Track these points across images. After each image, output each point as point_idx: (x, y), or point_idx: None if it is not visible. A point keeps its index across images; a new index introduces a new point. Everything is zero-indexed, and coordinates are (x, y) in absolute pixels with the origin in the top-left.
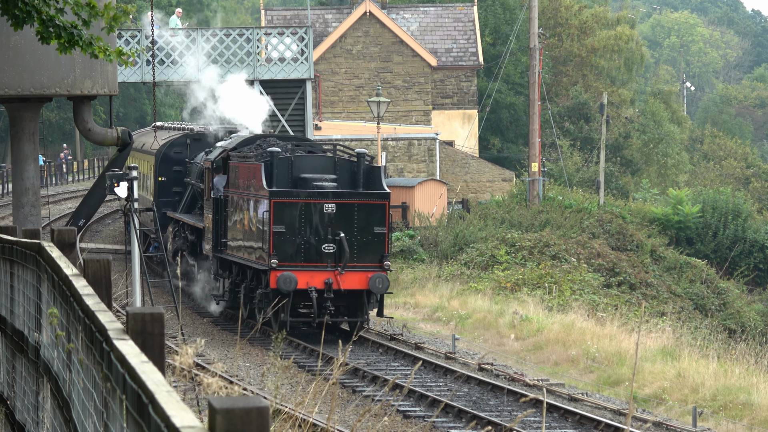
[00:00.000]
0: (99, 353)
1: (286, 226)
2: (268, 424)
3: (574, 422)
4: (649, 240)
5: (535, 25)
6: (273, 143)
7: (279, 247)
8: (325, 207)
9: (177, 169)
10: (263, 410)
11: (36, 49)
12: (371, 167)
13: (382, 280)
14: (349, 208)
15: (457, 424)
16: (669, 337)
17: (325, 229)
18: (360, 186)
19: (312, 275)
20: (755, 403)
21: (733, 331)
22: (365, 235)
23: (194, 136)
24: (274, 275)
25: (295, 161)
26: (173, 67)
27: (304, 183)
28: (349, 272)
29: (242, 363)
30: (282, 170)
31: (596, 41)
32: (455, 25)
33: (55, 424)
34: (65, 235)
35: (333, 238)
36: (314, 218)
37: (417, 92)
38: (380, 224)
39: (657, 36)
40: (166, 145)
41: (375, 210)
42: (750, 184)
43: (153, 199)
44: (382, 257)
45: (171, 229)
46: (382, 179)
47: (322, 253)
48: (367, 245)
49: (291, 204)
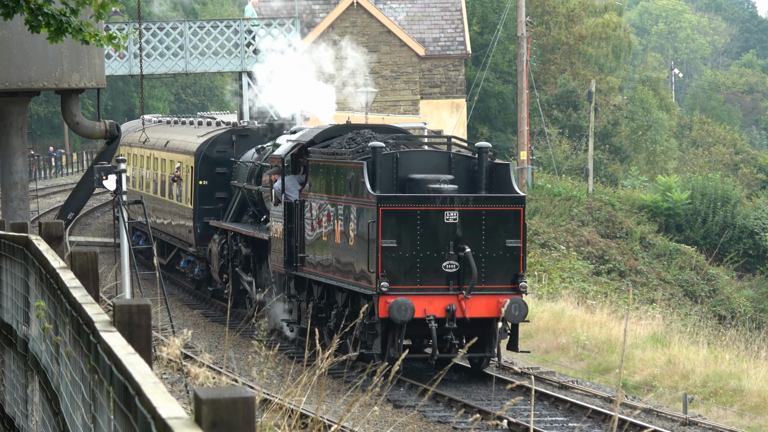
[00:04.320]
0: (86, 346)
1: (398, 240)
2: (254, 415)
3: (565, 410)
4: (639, 227)
5: (523, 13)
6: (370, 136)
7: (388, 266)
8: (446, 215)
9: (220, 171)
10: (249, 400)
11: (23, 43)
12: (496, 164)
13: (519, 306)
14: (476, 217)
15: (448, 413)
16: (659, 324)
17: (446, 242)
18: (482, 188)
19: (430, 300)
20: (746, 389)
21: (723, 318)
22: (496, 250)
23: (240, 131)
24: (383, 301)
25: (402, 158)
26: (161, 59)
27: (414, 185)
28: (477, 296)
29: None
30: (386, 170)
31: (584, 29)
32: (442, 14)
33: (44, 417)
34: (53, 228)
35: (456, 253)
36: (433, 230)
37: (405, 82)
38: (514, 236)
39: (645, 23)
40: (207, 143)
41: (507, 218)
42: (739, 170)
43: (192, 207)
44: (516, 277)
45: (217, 240)
46: (512, 179)
47: (442, 272)
48: (499, 262)
49: (404, 212)
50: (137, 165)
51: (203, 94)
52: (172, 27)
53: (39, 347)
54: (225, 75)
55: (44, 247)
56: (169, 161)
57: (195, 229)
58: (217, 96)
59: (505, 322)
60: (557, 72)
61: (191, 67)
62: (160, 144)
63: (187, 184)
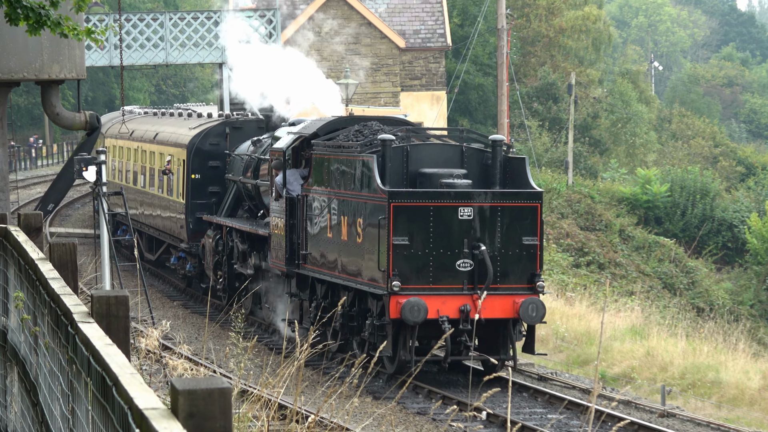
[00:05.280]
0: (64, 336)
1: (410, 238)
2: (230, 405)
3: (543, 401)
4: (618, 219)
5: (503, 5)
6: (378, 128)
7: (400, 264)
8: (460, 211)
9: (213, 164)
10: (225, 391)
11: (3, 34)
12: (511, 158)
13: (537, 306)
14: (492, 213)
15: (427, 404)
16: (638, 316)
17: (461, 240)
18: (496, 183)
19: (444, 301)
20: (723, 381)
21: (702, 310)
22: (512, 248)
23: (234, 123)
24: (395, 301)
25: (412, 152)
26: (141, 51)
27: (426, 180)
28: (492, 296)
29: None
30: (396, 164)
31: (564, 21)
32: (423, 6)
33: (22, 407)
34: (32, 219)
35: (471, 252)
36: (446, 227)
37: (385, 74)
38: (530, 233)
39: (625, 16)
40: (200, 135)
41: (524, 214)
42: (718, 163)
43: (184, 201)
44: (533, 276)
45: (211, 236)
46: (528, 174)
47: (456, 272)
48: (515, 261)
49: (416, 208)
50: (123, 158)
51: (184, 85)
52: (153, 18)
53: (18, 338)
54: (205, 66)
55: (23, 239)
56: (158, 154)
57: (187, 225)
58: (197, 87)
59: (521, 323)
60: (537, 64)
61: (171, 59)
62: (148, 136)
63: (179, 178)
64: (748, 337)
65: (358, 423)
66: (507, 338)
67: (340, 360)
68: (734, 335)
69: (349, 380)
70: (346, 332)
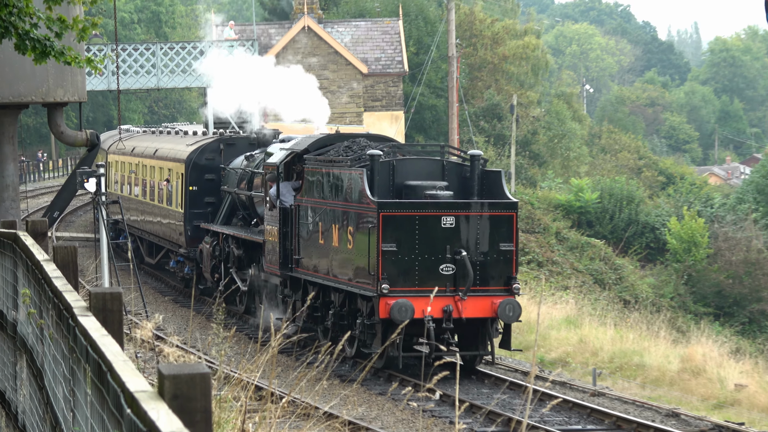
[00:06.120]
0: (66, 328)
1: (398, 244)
2: (210, 388)
3: (490, 383)
4: (555, 223)
5: (453, 36)
6: (365, 144)
7: (388, 269)
8: (443, 220)
9: (209, 177)
10: (206, 376)
11: (14, 63)
12: (487, 171)
13: (514, 306)
14: (472, 222)
15: (387, 386)
16: (572, 308)
17: (444, 246)
18: (474, 194)
19: (428, 302)
20: (647, 364)
21: (628, 302)
22: (490, 253)
23: (228, 140)
24: (384, 302)
25: (398, 166)
26: (135, 76)
27: (411, 192)
28: (473, 297)
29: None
30: (383, 176)
31: (507, 50)
32: (383, 37)
33: (30, 391)
34: (38, 225)
35: (453, 257)
36: (430, 234)
37: (350, 96)
38: (507, 240)
39: (560, 45)
40: (197, 151)
41: (500, 223)
42: (642, 174)
43: (182, 210)
44: (510, 279)
45: (209, 242)
46: (503, 185)
47: (440, 275)
48: (493, 265)
49: (403, 218)
50: (125, 172)
51: (173, 106)
52: (146, 48)
53: (26, 330)
54: (192, 90)
55: (30, 242)
56: (158, 168)
57: (186, 232)
58: (185, 108)
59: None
60: (483, 87)
61: (162, 84)
62: (149, 152)
63: (178, 190)
64: (668, 325)
65: (327, 402)
66: (486, 336)
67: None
68: (656, 324)
69: (316, 365)
70: (336, 330)
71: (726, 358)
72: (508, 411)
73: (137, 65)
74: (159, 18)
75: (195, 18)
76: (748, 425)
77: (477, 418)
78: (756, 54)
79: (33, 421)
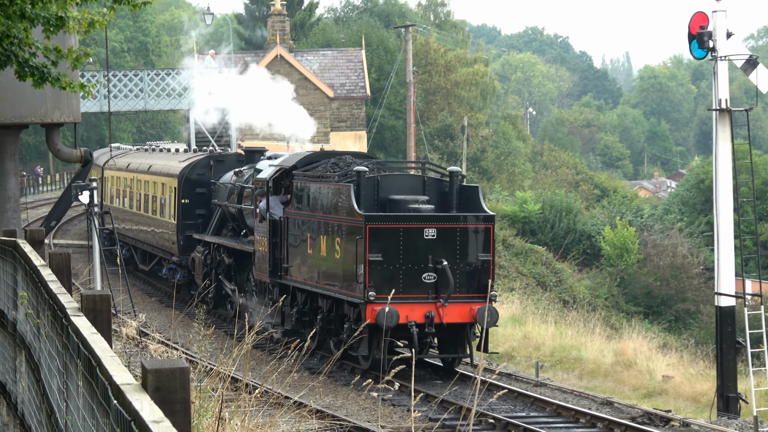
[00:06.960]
0: (60, 327)
1: (383, 254)
2: (189, 381)
3: (443, 375)
4: (502, 232)
5: (410, 64)
6: (351, 161)
7: (374, 277)
8: (426, 232)
9: (200, 191)
10: (185, 370)
11: (15, 87)
12: (465, 186)
13: (491, 312)
14: (451, 233)
15: (351, 378)
16: (517, 307)
17: (426, 256)
18: (453, 207)
19: (411, 308)
20: (584, 358)
21: (567, 302)
22: (469, 263)
23: (217, 157)
24: (371, 309)
25: (382, 181)
26: (125, 99)
27: (394, 206)
28: (453, 304)
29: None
30: (369, 191)
31: (458, 76)
32: (348, 64)
33: (28, 383)
34: (36, 234)
35: (434, 266)
36: (413, 245)
37: (318, 118)
38: (484, 250)
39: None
40: (189, 167)
41: (478, 234)
42: (579, 187)
43: (175, 222)
44: (487, 286)
45: (200, 251)
46: (481, 199)
47: (422, 283)
48: (471, 274)
49: (388, 230)
50: (121, 186)
51: (159, 127)
52: (134, 74)
53: (25, 328)
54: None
55: (29, 249)
56: (152, 183)
57: (178, 242)
58: (170, 129)
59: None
60: (438, 110)
61: (149, 106)
62: (143, 168)
63: (171, 203)
64: (603, 323)
65: (297, 392)
66: (465, 339)
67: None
68: (592, 322)
69: (287, 360)
70: (324, 333)
71: (654, 353)
72: (459, 400)
73: (126, 89)
74: (146, 47)
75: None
76: (674, 412)
77: (432, 407)
78: (681, 80)
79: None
